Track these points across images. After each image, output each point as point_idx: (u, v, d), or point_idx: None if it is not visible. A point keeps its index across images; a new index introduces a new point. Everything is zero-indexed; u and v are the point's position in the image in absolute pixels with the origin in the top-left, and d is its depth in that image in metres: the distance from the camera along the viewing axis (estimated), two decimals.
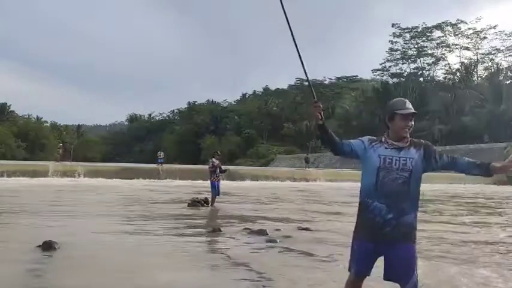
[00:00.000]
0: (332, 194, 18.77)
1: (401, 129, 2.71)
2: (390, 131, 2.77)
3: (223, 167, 12.61)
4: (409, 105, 2.75)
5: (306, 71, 2.97)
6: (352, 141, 2.87)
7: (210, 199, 12.04)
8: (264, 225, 8.30)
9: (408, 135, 2.75)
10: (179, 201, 12.99)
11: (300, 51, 2.92)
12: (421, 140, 2.79)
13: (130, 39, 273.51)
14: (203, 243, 6.70)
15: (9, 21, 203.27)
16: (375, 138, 2.84)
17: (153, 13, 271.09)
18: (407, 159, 2.68)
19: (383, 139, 2.78)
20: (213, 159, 12.20)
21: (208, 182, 12.28)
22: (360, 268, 2.79)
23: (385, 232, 2.65)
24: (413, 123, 2.74)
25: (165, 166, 31.88)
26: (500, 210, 13.70)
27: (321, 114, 2.81)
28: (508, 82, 56.65)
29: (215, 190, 11.96)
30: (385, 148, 2.73)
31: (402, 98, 2.81)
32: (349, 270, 2.86)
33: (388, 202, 2.65)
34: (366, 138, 2.85)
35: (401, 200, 2.65)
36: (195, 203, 11.77)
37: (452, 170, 2.74)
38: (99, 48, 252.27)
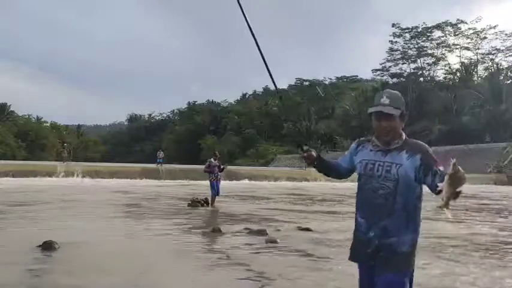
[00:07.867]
0: (332, 194, 18.76)
1: (376, 131, 2.20)
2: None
3: (221, 166, 12.43)
4: (385, 100, 2.15)
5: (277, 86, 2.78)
6: (344, 157, 2.43)
7: (210, 199, 12.05)
8: (264, 225, 8.31)
9: (396, 136, 2.17)
10: (179, 201, 12.99)
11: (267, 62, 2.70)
12: (420, 143, 2.17)
13: (130, 39, 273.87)
14: (203, 243, 6.70)
15: (9, 20, 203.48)
16: (368, 138, 2.36)
17: (154, 13, 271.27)
18: (393, 165, 2.12)
19: (372, 137, 2.28)
20: (211, 160, 12.21)
21: (208, 182, 12.27)
22: None
23: (366, 253, 2.16)
24: (391, 124, 2.14)
25: (165, 166, 31.85)
26: None
27: (312, 161, 2.41)
28: (508, 82, 56.58)
29: (214, 190, 11.97)
30: (370, 151, 2.24)
31: (383, 92, 2.24)
32: None
33: (366, 217, 2.17)
34: (356, 142, 2.40)
35: (382, 216, 2.11)
36: (195, 203, 11.79)
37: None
38: (99, 48, 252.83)
